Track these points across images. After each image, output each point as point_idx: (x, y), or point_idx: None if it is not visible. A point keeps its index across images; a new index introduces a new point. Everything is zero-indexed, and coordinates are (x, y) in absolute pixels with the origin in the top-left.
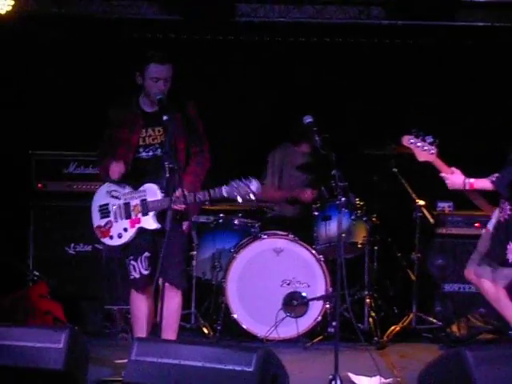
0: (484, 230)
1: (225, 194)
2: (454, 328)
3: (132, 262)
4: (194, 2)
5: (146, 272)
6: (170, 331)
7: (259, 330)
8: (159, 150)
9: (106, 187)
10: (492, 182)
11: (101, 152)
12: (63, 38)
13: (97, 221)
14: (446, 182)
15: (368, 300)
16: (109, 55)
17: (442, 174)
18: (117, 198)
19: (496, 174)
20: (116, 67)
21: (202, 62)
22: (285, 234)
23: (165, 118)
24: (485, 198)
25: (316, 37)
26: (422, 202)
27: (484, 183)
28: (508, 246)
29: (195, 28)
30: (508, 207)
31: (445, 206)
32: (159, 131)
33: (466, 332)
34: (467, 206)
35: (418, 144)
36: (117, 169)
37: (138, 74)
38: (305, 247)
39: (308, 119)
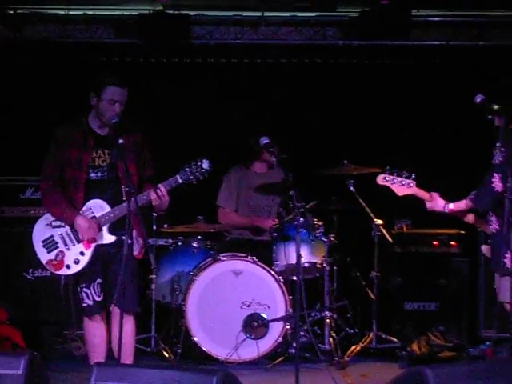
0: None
1: (180, 181)
2: (415, 346)
3: (85, 289)
4: (149, 25)
5: (98, 298)
6: (126, 356)
7: (220, 352)
8: (107, 172)
9: (44, 220)
10: (470, 199)
11: (47, 176)
12: (18, 63)
13: (44, 256)
14: (427, 206)
15: (328, 320)
16: (64, 79)
17: (427, 204)
18: (60, 226)
19: (473, 192)
20: (71, 91)
21: (158, 85)
22: (244, 255)
23: (120, 141)
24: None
25: (272, 58)
26: (380, 221)
27: (462, 204)
28: (506, 255)
29: (151, 51)
30: (494, 219)
31: (403, 224)
32: (108, 154)
33: (427, 350)
34: (425, 224)
35: (394, 180)
36: (89, 228)
37: (92, 94)
38: (264, 268)
39: (265, 140)
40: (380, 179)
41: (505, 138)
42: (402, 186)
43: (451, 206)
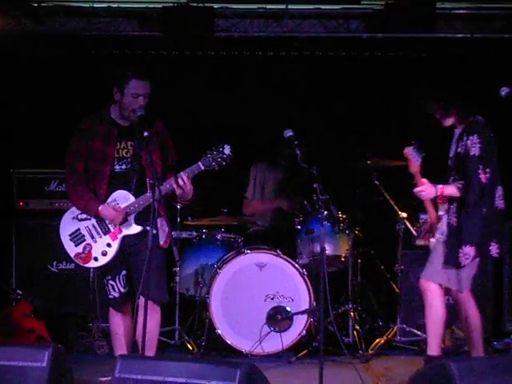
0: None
1: (202, 167)
2: None
3: (110, 281)
4: (173, 17)
5: (124, 290)
6: (149, 348)
7: (244, 345)
8: (131, 163)
9: (70, 214)
10: (458, 188)
11: (71, 169)
12: (42, 56)
13: (73, 250)
14: (421, 193)
15: (352, 313)
16: (88, 72)
17: (417, 188)
18: (85, 219)
19: (461, 182)
20: (96, 84)
21: (182, 78)
22: (268, 248)
23: (145, 134)
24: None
25: (296, 51)
26: (404, 215)
27: (452, 190)
28: (460, 250)
29: (174, 44)
30: (454, 210)
31: (427, 217)
32: (131, 145)
33: (451, 343)
34: None
35: (416, 157)
36: (115, 215)
37: (115, 89)
38: (288, 261)
39: (289, 133)
40: (408, 151)
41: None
42: (415, 164)
43: (440, 186)
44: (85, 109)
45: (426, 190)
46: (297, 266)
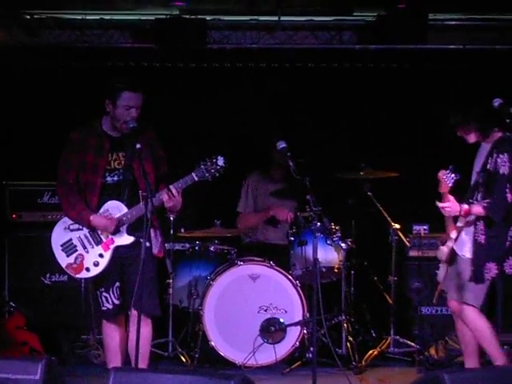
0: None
1: (196, 178)
2: (432, 351)
3: (104, 293)
4: (165, 29)
5: (118, 302)
6: (141, 360)
7: (237, 356)
8: (123, 175)
9: (62, 224)
10: (484, 207)
11: (62, 180)
12: (36, 68)
13: (64, 260)
14: (445, 209)
15: (345, 325)
16: (81, 84)
17: (442, 204)
18: (78, 229)
19: (487, 200)
20: (88, 96)
21: (175, 90)
22: (261, 259)
23: (138, 146)
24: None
25: (288, 62)
26: (397, 226)
27: (478, 209)
28: (487, 265)
29: (167, 56)
30: (481, 228)
31: (420, 228)
32: (123, 156)
33: (444, 355)
34: (443, 228)
35: (448, 180)
36: (107, 223)
37: (108, 101)
38: (281, 273)
39: (282, 144)
40: (442, 173)
41: None
42: (446, 186)
43: (466, 206)
44: (77, 121)
45: (450, 206)
46: (290, 277)
